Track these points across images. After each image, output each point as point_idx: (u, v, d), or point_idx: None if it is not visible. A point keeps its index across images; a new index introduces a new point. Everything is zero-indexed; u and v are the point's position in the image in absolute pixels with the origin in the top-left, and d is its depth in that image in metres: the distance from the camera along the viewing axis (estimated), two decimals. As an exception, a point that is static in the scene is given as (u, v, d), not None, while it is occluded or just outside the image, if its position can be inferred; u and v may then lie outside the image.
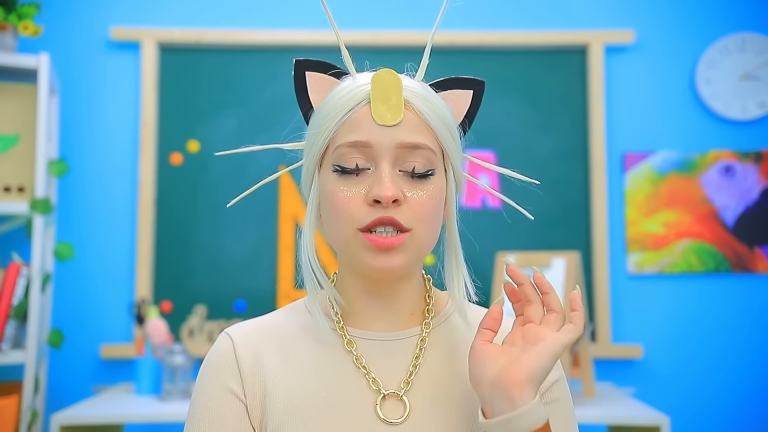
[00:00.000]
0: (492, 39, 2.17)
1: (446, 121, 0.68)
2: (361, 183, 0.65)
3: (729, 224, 2.14)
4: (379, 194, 0.63)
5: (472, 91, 0.72)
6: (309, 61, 0.71)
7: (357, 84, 0.67)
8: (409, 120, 0.66)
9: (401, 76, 0.68)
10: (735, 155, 2.16)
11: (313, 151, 0.68)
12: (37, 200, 1.76)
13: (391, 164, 0.65)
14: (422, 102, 0.67)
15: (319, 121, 0.68)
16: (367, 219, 0.64)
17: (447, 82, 0.72)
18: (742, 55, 2.18)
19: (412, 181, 0.66)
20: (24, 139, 1.82)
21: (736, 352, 2.11)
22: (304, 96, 0.71)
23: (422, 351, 0.69)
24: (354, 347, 0.68)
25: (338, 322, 0.70)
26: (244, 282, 2.10)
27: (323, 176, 0.68)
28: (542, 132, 2.18)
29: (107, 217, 2.09)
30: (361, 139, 0.65)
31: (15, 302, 1.72)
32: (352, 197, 0.65)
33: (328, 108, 0.67)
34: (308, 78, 0.71)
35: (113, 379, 2.02)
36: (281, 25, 2.17)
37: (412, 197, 0.65)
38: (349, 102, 0.66)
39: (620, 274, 2.13)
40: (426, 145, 0.66)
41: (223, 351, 0.69)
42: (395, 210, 0.64)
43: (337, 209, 0.65)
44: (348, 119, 0.66)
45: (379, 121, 0.65)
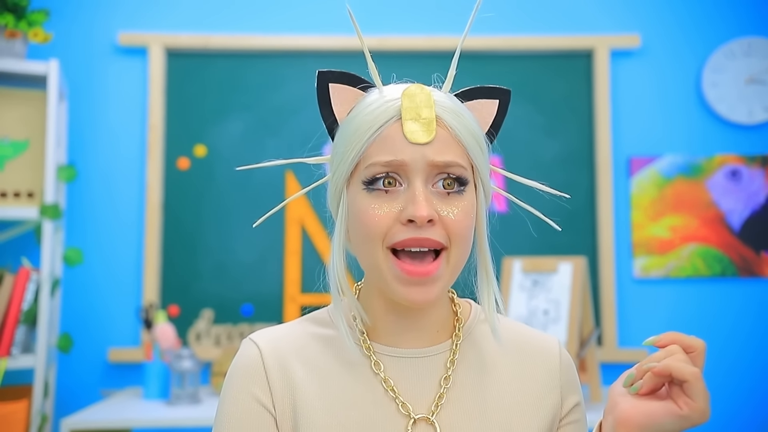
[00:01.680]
0: (498, 43, 2.18)
1: (476, 135, 0.67)
2: (393, 201, 0.64)
3: (735, 228, 2.14)
4: (414, 214, 0.62)
5: (497, 100, 0.71)
6: (332, 72, 0.69)
7: (386, 99, 0.66)
8: (441, 137, 0.64)
9: (430, 89, 0.67)
10: (741, 159, 2.16)
11: (342, 168, 0.66)
12: (46, 206, 1.78)
13: (423, 182, 0.64)
14: (453, 117, 0.66)
15: (348, 137, 0.66)
16: (398, 237, 0.63)
17: (472, 92, 0.71)
18: (748, 59, 2.18)
19: (445, 198, 0.64)
20: (33, 144, 1.84)
21: (742, 356, 2.11)
22: (328, 108, 0.69)
23: (450, 372, 0.68)
24: (382, 369, 0.67)
25: (364, 342, 0.69)
26: (251, 286, 2.11)
27: (352, 192, 0.66)
28: (548, 136, 2.18)
29: (115, 222, 2.10)
30: (396, 159, 0.63)
31: (25, 307, 1.73)
32: (384, 215, 0.63)
33: (357, 123, 0.66)
34: (332, 90, 0.69)
35: (121, 382, 2.03)
36: (287, 30, 2.17)
37: (446, 216, 0.64)
38: (379, 118, 0.64)
39: (626, 278, 2.13)
40: (458, 163, 0.65)
41: (251, 359, 0.68)
42: (430, 230, 0.63)
43: (367, 227, 0.64)
44: (379, 136, 0.64)
45: (412, 139, 0.63)
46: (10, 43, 1.75)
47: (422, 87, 0.66)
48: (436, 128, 0.64)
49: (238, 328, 2.08)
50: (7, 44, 1.75)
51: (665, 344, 0.62)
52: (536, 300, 1.70)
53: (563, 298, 1.66)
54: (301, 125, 2.14)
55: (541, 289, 1.70)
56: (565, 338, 1.63)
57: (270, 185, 2.13)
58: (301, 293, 2.12)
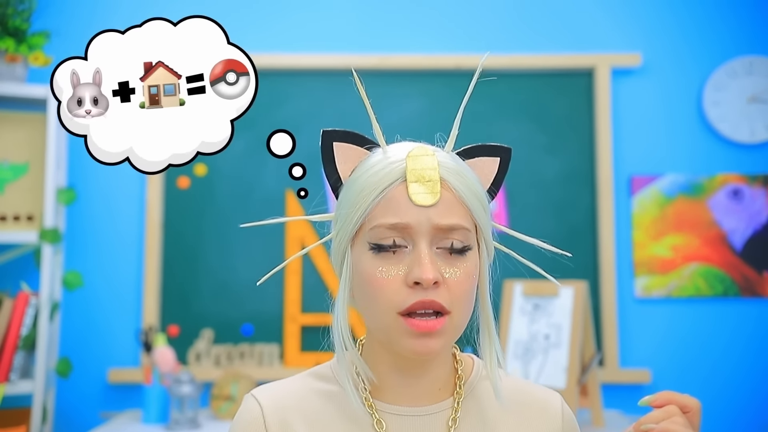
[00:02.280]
0: (499, 62, 2.17)
1: (478, 196, 0.68)
2: (399, 262, 0.65)
3: (737, 248, 2.13)
4: (420, 277, 0.63)
5: (498, 158, 0.72)
6: (337, 131, 0.71)
7: (390, 161, 0.67)
8: (445, 199, 0.65)
9: (433, 150, 0.68)
10: (743, 178, 2.15)
11: (347, 228, 0.67)
12: (46, 230, 1.78)
13: (428, 244, 0.65)
14: (456, 179, 0.67)
15: (353, 198, 0.67)
16: (407, 302, 0.64)
17: (474, 150, 0.72)
18: (750, 77, 2.17)
19: (449, 259, 0.65)
20: (33, 167, 1.84)
21: (745, 377, 2.10)
22: (332, 166, 0.70)
23: (453, 425, 0.68)
24: (384, 427, 0.68)
25: (367, 399, 0.69)
26: (251, 305, 2.11)
27: (357, 253, 0.67)
28: (549, 154, 2.17)
29: (115, 243, 2.09)
30: (401, 222, 0.64)
31: (24, 332, 1.73)
32: (391, 279, 0.64)
33: (362, 184, 0.67)
34: (336, 148, 0.70)
35: (121, 405, 2.02)
36: (289, 48, 2.17)
37: (450, 278, 0.65)
38: (384, 180, 0.66)
39: (628, 297, 2.12)
40: (462, 226, 0.65)
41: (252, 416, 0.69)
42: (435, 292, 0.64)
43: (375, 292, 0.65)
44: (383, 198, 0.65)
45: (417, 202, 0.64)
46: (10, 67, 1.75)
47: (426, 148, 0.67)
48: (440, 190, 0.65)
49: (238, 348, 2.08)
50: (8, 68, 1.75)
51: (661, 404, 0.63)
52: (537, 324, 1.70)
53: (564, 322, 1.65)
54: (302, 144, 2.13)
55: (542, 313, 1.69)
56: (566, 364, 1.62)
57: (271, 204, 2.13)
58: (302, 313, 2.11)
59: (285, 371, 2.05)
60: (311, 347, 2.08)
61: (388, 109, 2.17)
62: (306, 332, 2.09)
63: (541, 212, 2.14)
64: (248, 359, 2.06)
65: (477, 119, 2.17)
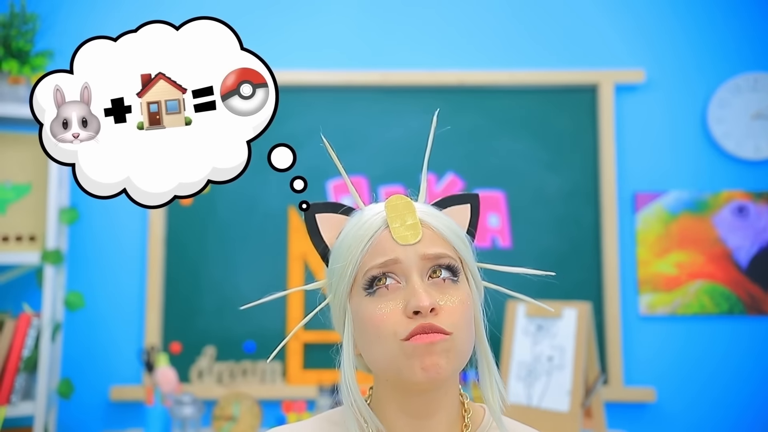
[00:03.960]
0: (502, 78, 2.17)
1: (457, 233, 0.72)
2: (396, 298, 0.67)
3: (743, 265, 2.11)
4: (417, 305, 0.65)
5: (468, 204, 0.76)
6: (317, 204, 0.74)
7: (372, 213, 0.71)
8: (427, 235, 0.69)
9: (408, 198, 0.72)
10: (748, 195, 2.13)
11: (342, 283, 0.70)
12: (48, 252, 1.78)
13: (419, 276, 0.68)
14: (434, 219, 0.71)
15: (343, 254, 0.70)
16: (409, 328, 0.66)
17: (444, 201, 0.76)
18: (754, 94, 2.16)
19: (442, 288, 0.68)
20: (36, 187, 1.84)
21: (751, 396, 2.08)
22: (318, 237, 0.74)
23: None
24: None
25: None
26: (253, 322, 2.10)
27: (355, 303, 0.70)
28: (552, 171, 2.16)
29: (117, 261, 2.09)
30: (390, 258, 0.68)
31: (25, 353, 1.72)
32: (391, 312, 0.67)
33: (349, 241, 0.70)
34: (319, 220, 0.74)
35: (123, 423, 2.02)
36: (291, 65, 2.17)
37: (446, 305, 0.67)
38: (369, 230, 0.69)
39: (632, 315, 2.11)
40: (447, 254, 0.69)
41: None
42: (434, 318, 0.66)
43: (377, 327, 0.67)
44: (371, 246, 0.69)
45: (401, 241, 0.68)
46: (13, 89, 1.76)
47: (402, 196, 0.71)
48: (421, 229, 0.69)
49: (240, 365, 2.07)
50: (11, 89, 1.76)
51: None
52: (540, 345, 1.68)
53: (568, 344, 1.64)
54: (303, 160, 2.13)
55: (545, 334, 1.68)
56: (570, 386, 1.61)
57: (273, 221, 2.13)
58: (304, 330, 2.11)
59: (287, 388, 2.05)
60: (314, 365, 2.07)
61: (390, 126, 2.16)
62: (309, 349, 2.08)
63: (544, 229, 2.13)
64: (251, 376, 2.05)
65: (480, 135, 2.17)
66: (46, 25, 1.93)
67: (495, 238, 2.14)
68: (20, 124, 1.84)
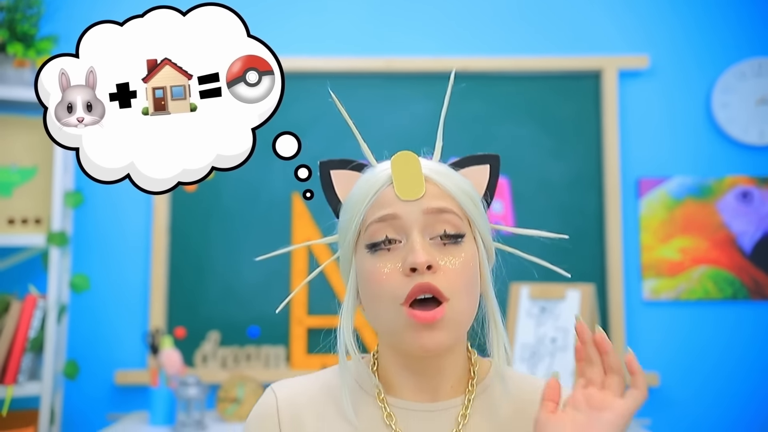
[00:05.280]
0: (505, 64, 2.17)
1: (466, 191, 0.71)
2: (396, 257, 0.67)
3: (747, 250, 2.11)
4: (414, 261, 0.65)
5: (488, 165, 0.74)
6: (332, 161, 0.75)
7: (379, 170, 0.72)
8: (431, 191, 0.69)
9: (419, 158, 0.71)
10: (752, 180, 2.13)
11: (348, 237, 0.71)
12: (53, 233, 1.79)
13: (420, 233, 0.67)
14: (440, 176, 0.70)
15: (350, 209, 0.71)
16: (406, 289, 0.65)
17: (463, 161, 0.75)
18: (759, 79, 2.15)
19: (444, 248, 0.67)
20: (41, 171, 1.85)
21: (755, 381, 2.08)
22: (332, 192, 0.75)
23: (465, 420, 0.70)
24: (394, 421, 0.69)
25: (379, 394, 0.71)
26: (257, 308, 2.11)
27: (359, 259, 0.70)
28: (556, 157, 2.16)
29: (122, 245, 2.10)
30: (389, 212, 0.68)
31: (32, 334, 1.74)
32: (390, 273, 0.66)
33: (356, 196, 0.71)
34: (333, 176, 0.74)
35: (128, 406, 2.03)
36: (295, 51, 2.18)
37: (446, 265, 0.66)
38: (374, 186, 0.70)
39: (636, 300, 2.11)
40: (451, 209, 0.68)
41: (267, 407, 0.73)
42: (431, 277, 0.65)
43: (376, 287, 0.67)
44: (375, 200, 0.69)
45: (403, 196, 0.68)
46: (18, 72, 1.77)
47: (409, 152, 0.71)
48: (425, 185, 0.68)
49: (244, 350, 2.08)
50: (16, 73, 1.77)
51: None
52: (544, 327, 1.69)
53: (571, 325, 1.64)
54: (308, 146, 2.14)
55: (548, 316, 1.68)
56: (574, 367, 1.61)
57: (277, 207, 2.14)
58: (308, 315, 2.11)
59: (291, 373, 2.05)
60: (317, 349, 2.07)
61: (394, 112, 2.17)
62: (312, 334, 2.09)
63: (548, 216, 2.13)
64: (255, 361, 2.06)
65: (483, 122, 2.17)
66: (51, 9, 1.94)
67: (498, 224, 2.14)
68: (26, 108, 1.85)
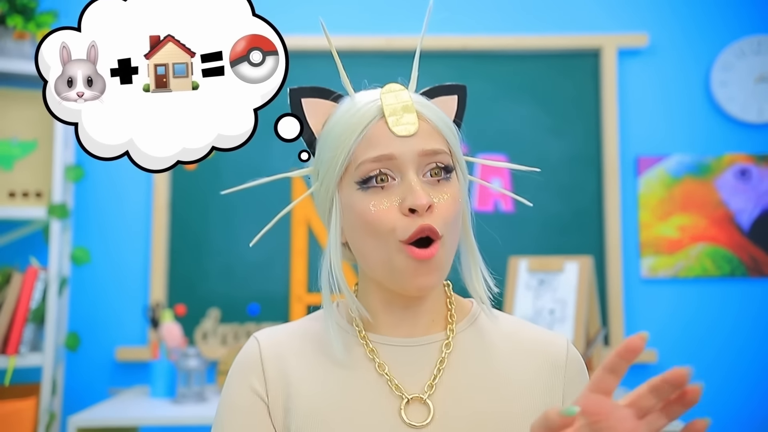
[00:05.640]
0: (505, 43, 2.17)
1: (449, 125, 0.71)
2: (391, 195, 0.66)
3: (745, 228, 2.12)
4: (415, 203, 0.64)
5: (456, 95, 0.74)
6: (303, 88, 0.72)
7: (366, 101, 0.69)
8: (424, 128, 0.68)
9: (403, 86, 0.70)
10: (751, 158, 2.14)
11: (332, 173, 0.68)
12: (54, 205, 1.79)
13: (415, 172, 0.67)
14: (430, 111, 0.69)
15: (334, 143, 0.68)
16: (409, 229, 0.65)
17: (433, 91, 0.74)
18: (758, 57, 2.16)
19: (435, 186, 0.67)
20: (42, 145, 1.85)
21: (752, 357, 2.09)
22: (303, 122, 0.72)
23: (447, 355, 0.70)
24: (376, 355, 0.70)
25: (360, 331, 0.71)
26: (257, 285, 2.12)
27: (345, 196, 0.68)
28: (555, 136, 2.17)
29: (122, 222, 2.11)
30: (385, 153, 0.66)
31: (33, 306, 1.75)
32: (386, 210, 0.65)
33: (341, 128, 0.68)
34: (305, 105, 0.71)
35: (128, 381, 2.04)
36: (294, 30, 2.18)
37: (439, 203, 0.67)
38: (363, 119, 0.67)
39: (634, 278, 2.12)
40: (444, 150, 0.68)
41: (250, 354, 0.72)
42: (429, 217, 0.65)
43: (374, 224, 0.66)
44: (364, 136, 0.67)
45: (399, 134, 0.66)
46: (18, 45, 1.77)
47: (400, 86, 0.69)
48: (418, 121, 0.67)
49: (244, 327, 2.09)
50: (16, 45, 1.77)
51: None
52: (542, 299, 1.70)
53: (569, 297, 1.65)
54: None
55: (547, 288, 1.69)
56: (572, 338, 1.63)
57: (276, 186, 2.12)
58: (308, 293, 2.12)
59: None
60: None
61: (393, 91, 2.17)
62: (312, 312, 2.10)
63: (547, 194, 2.14)
64: (255, 338, 2.07)
65: (482, 100, 2.17)
66: (51, -16, 1.94)
67: (497, 202, 2.15)
68: (25, 81, 1.86)
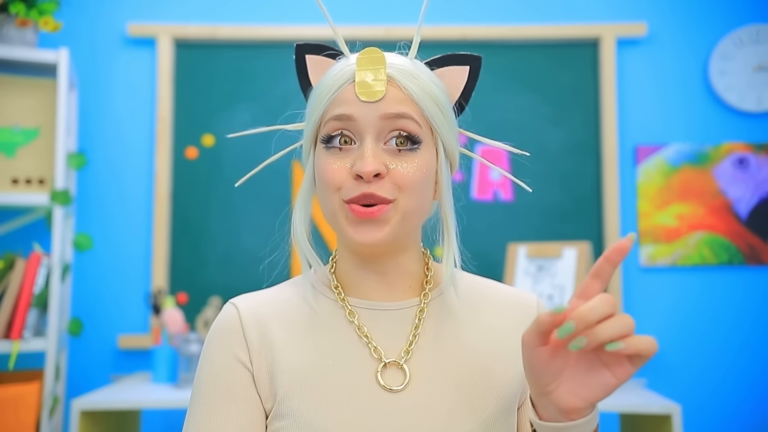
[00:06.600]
0: (504, 33, 2.18)
1: (434, 96, 0.68)
2: (347, 157, 0.67)
3: (742, 217, 2.13)
4: (361, 169, 0.65)
5: (468, 66, 0.72)
6: (308, 44, 0.74)
7: (345, 64, 0.69)
8: (393, 95, 0.67)
9: (388, 54, 0.69)
10: (749, 147, 2.15)
11: (307, 129, 0.71)
12: (56, 192, 1.81)
13: (374, 139, 0.66)
14: (407, 78, 0.67)
15: (313, 101, 0.71)
16: (352, 192, 0.66)
17: (443, 59, 0.73)
18: (757, 46, 2.16)
19: (396, 155, 0.67)
20: (44, 132, 1.87)
21: (749, 345, 2.11)
22: (305, 78, 0.74)
23: (421, 321, 0.70)
24: (356, 317, 0.70)
25: (339, 294, 0.72)
26: (258, 274, 2.12)
27: (317, 153, 0.70)
28: (554, 125, 2.18)
29: (124, 210, 2.13)
30: (345, 113, 0.67)
31: (36, 291, 1.76)
32: (339, 169, 0.67)
33: (321, 88, 0.70)
34: (308, 61, 0.73)
35: (130, 368, 2.06)
36: (294, 21, 2.19)
37: (396, 168, 0.66)
38: (337, 81, 0.68)
39: (633, 266, 2.13)
40: (409, 115, 0.66)
41: (230, 320, 0.71)
42: (377, 185, 0.65)
43: (326, 181, 0.67)
44: (336, 97, 0.68)
45: (362, 97, 0.66)
46: (21, 32, 1.78)
47: (375, 50, 0.68)
48: (386, 87, 0.66)
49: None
50: (18, 33, 1.78)
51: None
52: (541, 285, 1.71)
53: (568, 283, 1.66)
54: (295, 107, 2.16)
55: (545, 274, 1.71)
56: (570, 323, 1.64)
57: (277, 174, 2.15)
58: (308, 281, 2.13)
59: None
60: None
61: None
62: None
63: (547, 183, 2.15)
64: (255, 326, 2.09)
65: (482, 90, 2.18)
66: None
67: (497, 191, 2.16)
68: (28, 69, 1.87)
